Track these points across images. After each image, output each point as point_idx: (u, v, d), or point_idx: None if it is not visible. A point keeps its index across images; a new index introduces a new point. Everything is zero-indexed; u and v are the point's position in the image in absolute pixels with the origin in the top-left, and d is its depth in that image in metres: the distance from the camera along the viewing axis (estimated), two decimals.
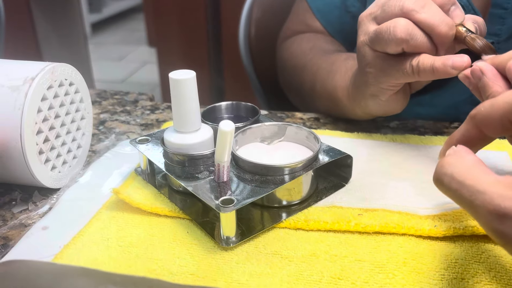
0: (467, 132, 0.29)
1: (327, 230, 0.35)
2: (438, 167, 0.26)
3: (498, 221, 0.22)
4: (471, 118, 0.28)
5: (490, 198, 0.22)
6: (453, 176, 0.25)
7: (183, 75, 0.36)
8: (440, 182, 0.26)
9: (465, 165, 0.25)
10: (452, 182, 0.25)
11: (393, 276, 0.31)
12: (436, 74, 0.37)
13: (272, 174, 0.36)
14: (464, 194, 0.24)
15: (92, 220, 0.37)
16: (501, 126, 0.26)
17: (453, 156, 0.26)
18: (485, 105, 0.27)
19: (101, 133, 0.52)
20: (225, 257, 0.33)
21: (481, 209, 0.23)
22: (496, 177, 0.23)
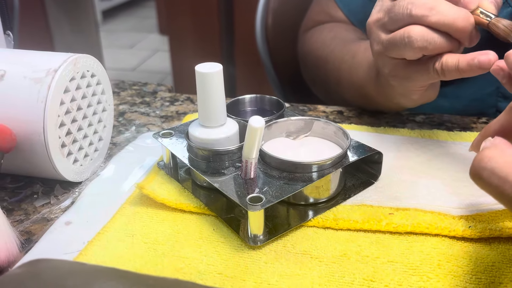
0: (506, 122, 0.28)
1: (357, 230, 0.34)
2: (477, 160, 0.25)
3: None
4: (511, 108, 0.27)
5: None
6: (493, 170, 0.24)
7: (210, 68, 0.34)
8: (478, 177, 0.25)
9: (506, 158, 0.24)
10: (492, 177, 0.24)
11: (427, 279, 0.30)
12: (463, 74, 0.36)
13: (300, 171, 0.35)
14: (506, 190, 0.23)
15: (115, 216, 0.36)
16: None
17: (493, 149, 0.25)
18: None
19: (121, 125, 0.51)
20: (253, 256, 0.32)
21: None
22: None
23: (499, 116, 0.29)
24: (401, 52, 0.38)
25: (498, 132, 0.29)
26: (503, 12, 0.51)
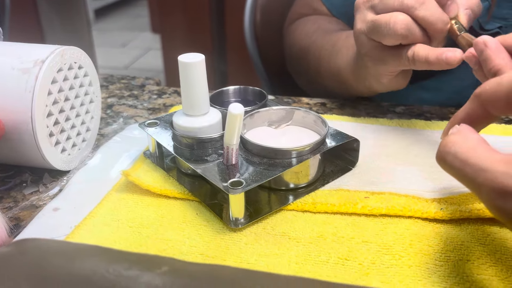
0: (471, 110, 0.29)
1: (334, 213, 0.36)
2: (441, 145, 0.27)
3: (501, 199, 0.22)
4: (476, 96, 0.28)
5: (493, 176, 0.23)
6: (456, 154, 0.25)
7: (193, 58, 0.36)
8: (443, 161, 0.26)
9: (468, 143, 0.25)
10: (455, 160, 0.25)
11: (399, 257, 0.31)
12: (431, 66, 0.39)
13: (280, 157, 0.36)
14: (467, 172, 0.24)
15: (102, 202, 0.38)
16: (506, 104, 0.26)
17: (457, 134, 0.26)
18: (491, 84, 0.27)
19: (109, 117, 0.52)
20: (234, 238, 0.34)
21: (484, 187, 0.23)
22: (500, 155, 0.23)
23: (464, 105, 0.30)
24: (381, 36, 0.41)
25: (464, 120, 0.30)
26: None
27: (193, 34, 1.81)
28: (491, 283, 0.29)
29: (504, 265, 0.31)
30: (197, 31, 1.80)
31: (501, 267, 0.30)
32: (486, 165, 0.23)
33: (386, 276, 0.30)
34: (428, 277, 0.30)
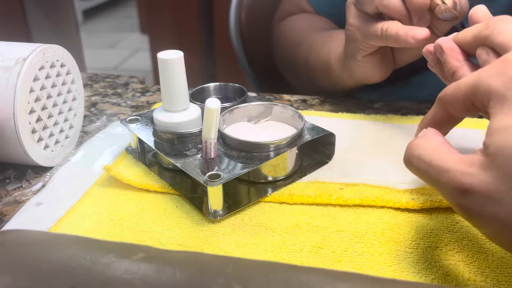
0: (436, 113, 0.30)
1: (310, 204, 0.37)
2: (408, 149, 0.28)
3: (461, 197, 0.24)
4: (439, 100, 0.30)
5: (453, 176, 0.24)
6: (420, 157, 0.26)
7: (171, 55, 0.37)
8: (409, 163, 0.28)
9: (431, 146, 0.26)
10: (420, 163, 0.26)
11: (371, 245, 0.33)
12: (399, 41, 0.40)
13: (257, 150, 0.37)
14: (431, 174, 0.26)
15: (84, 196, 0.38)
16: (465, 107, 0.27)
17: (421, 138, 0.27)
18: (450, 88, 0.28)
19: (93, 114, 0.53)
20: (212, 229, 0.35)
21: (446, 186, 0.24)
22: (459, 156, 0.25)
23: (431, 108, 0.32)
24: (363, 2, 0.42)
25: (430, 122, 0.31)
26: None
27: (182, 34, 1.82)
28: (457, 268, 0.31)
29: (470, 251, 0.32)
30: (185, 31, 1.80)
31: (467, 252, 0.32)
32: (448, 166, 0.25)
33: (358, 263, 0.31)
34: (398, 264, 0.31)
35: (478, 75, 0.25)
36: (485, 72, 0.25)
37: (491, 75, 0.24)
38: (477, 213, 0.23)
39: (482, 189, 0.23)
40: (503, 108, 0.23)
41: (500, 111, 0.23)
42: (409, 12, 0.40)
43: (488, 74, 0.24)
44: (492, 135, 0.23)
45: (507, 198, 0.22)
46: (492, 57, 0.29)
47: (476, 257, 0.31)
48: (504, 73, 0.23)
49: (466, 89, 0.26)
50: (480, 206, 0.23)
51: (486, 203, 0.23)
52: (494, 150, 0.23)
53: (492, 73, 0.24)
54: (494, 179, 0.22)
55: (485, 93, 0.24)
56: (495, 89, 0.24)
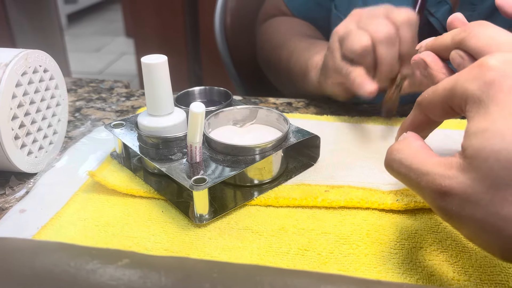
0: (415, 118, 0.31)
1: (296, 206, 0.37)
2: (388, 153, 0.28)
3: (441, 199, 0.24)
4: (417, 104, 0.30)
5: (433, 179, 0.24)
6: (401, 161, 0.27)
7: (155, 59, 0.37)
8: (390, 168, 0.28)
9: (411, 150, 0.27)
10: (400, 167, 0.27)
11: (356, 247, 0.33)
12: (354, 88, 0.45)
13: (243, 154, 0.38)
14: (411, 177, 0.26)
15: (69, 202, 0.38)
16: (443, 110, 0.27)
17: (401, 142, 0.28)
18: (428, 92, 0.28)
19: (77, 120, 0.52)
20: (198, 234, 0.35)
21: (426, 189, 0.25)
22: (439, 159, 0.25)
23: (410, 112, 0.32)
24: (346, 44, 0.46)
25: (410, 126, 0.31)
26: (441, 10, 0.55)
27: (167, 38, 1.81)
28: (441, 268, 0.31)
29: (454, 250, 0.32)
30: (171, 35, 1.80)
31: (451, 252, 0.32)
32: (427, 169, 0.25)
33: (343, 265, 0.31)
34: (383, 264, 0.31)
35: (455, 79, 0.26)
36: (461, 76, 0.25)
37: (467, 79, 0.25)
38: (456, 214, 0.24)
39: (460, 191, 0.23)
40: (480, 111, 0.23)
41: (476, 114, 0.24)
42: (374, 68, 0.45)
43: (465, 78, 0.25)
44: (469, 138, 0.23)
45: (484, 200, 0.22)
46: (466, 61, 0.30)
47: (460, 256, 0.32)
48: (479, 77, 0.24)
49: (444, 93, 0.26)
50: (459, 208, 0.23)
51: (464, 205, 0.23)
52: (471, 152, 0.23)
53: (469, 77, 0.25)
54: (472, 181, 0.23)
55: (462, 97, 0.25)
56: (472, 93, 0.24)
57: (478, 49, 0.29)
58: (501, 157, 0.22)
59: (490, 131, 0.22)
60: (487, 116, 0.23)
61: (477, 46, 0.29)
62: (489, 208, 0.22)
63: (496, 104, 0.23)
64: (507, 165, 0.22)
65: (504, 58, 0.24)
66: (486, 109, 0.23)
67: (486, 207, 0.22)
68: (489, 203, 0.22)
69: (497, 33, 0.29)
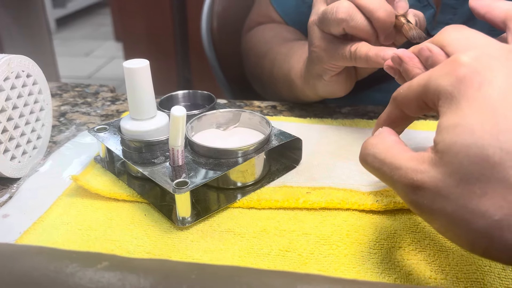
0: (391, 113, 0.31)
1: (278, 208, 0.37)
2: (363, 148, 0.29)
3: (413, 193, 0.25)
4: (393, 99, 0.30)
5: (405, 173, 0.25)
6: (375, 155, 0.27)
7: (137, 64, 0.37)
8: (365, 162, 0.29)
9: (385, 145, 0.27)
10: (374, 161, 0.27)
11: (336, 247, 0.33)
12: (369, 62, 0.40)
13: (225, 157, 0.38)
14: (385, 172, 0.26)
15: (52, 207, 0.38)
16: (417, 106, 0.28)
17: (375, 137, 0.28)
18: (404, 87, 0.29)
19: (62, 124, 0.53)
20: (180, 236, 0.35)
21: (399, 183, 0.25)
22: (411, 154, 0.26)
23: (386, 108, 0.32)
24: (328, 23, 0.42)
25: (386, 121, 0.32)
26: (426, 14, 0.56)
27: (156, 42, 1.82)
28: (419, 267, 0.32)
29: (432, 250, 0.33)
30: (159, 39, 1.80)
31: (429, 252, 0.33)
32: (400, 163, 0.26)
33: (323, 265, 0.32)
34: (362, 264, 0.32)
35: (429, 75, 0.26)
36: (435, 72, 0.26)
37: (440, 75, 0.25)
38: (427, 208, 0.24)
39: (431, 185, 0.24)
40: (451, 106, 0.24)
41: (448, 109, 0.24)
42: (376, 31, 0.41)
43: (438, 74, 0.25)
44: (441, 133, 0.24)
45: (454, 194, 0.23)
46: (434, 54, 0.30)
47: (437, 255, 0.32)
48: (451, 73, 0.24)
49: (418, 88, 0.27)
50: (430, 201, 0.24)
51: (436, 199, 0.24)
52: (442, 147, 0.23)
53: (441, 74, 0.25)
54: (443, 176, 0.23)
55: (435, 92, 0.25)
56: (444, 89, 0.25)
57: (452, 47, 0.29)
58: (471, 152, 0.22)
59: (461, 127, 0.23)
60: (458, 111, 0.24)
61: (451, 43, 0.29)
62: (458, 201, 0.23)
63: (467, 100, 0.23)
64: (476, 160, 0.22)
65: (475, 55, 0.25)
66: (457, 105, 0.24)
67: (455, 201, 0.23)
68: (458, 196, 0.23)
69: (470, 33, 0.29)
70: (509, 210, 0.21)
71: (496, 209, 0.22)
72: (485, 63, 0.24)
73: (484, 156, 0.22)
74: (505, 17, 0.30)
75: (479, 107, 0.23)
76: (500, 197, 0.21)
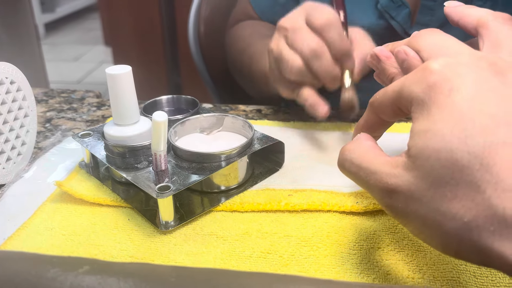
0: (368, 118, 0.32)
1: (260, 211, 0.38)
2: (340, 153, 0.29)
3: (388, 197, 0.25)
4: (370, 105, 0.31)
5: (380, 177, 0.26)
6: (352, 161, 0.28)
7: (119, 70, 0.37)
8: (342, 167, 0.29)
9: (361, 150, 0.28)
10: (351, 166, 0.28)
11: (317, 248, 0.34)
12: (307, 108, 0.45)
13: (208, 161, 0.38)
14: (361, 176, 0.27)
15: (36, 212, 0.38)
16: (392, 111, 0.29)
17: (352, 143, 0.29)
18: (380, 93, 0.30)
19: (48, 130, 0.53)
20: (163, 240, 0.35)
21: (375, 187, 0.26)
22: (386, 158, 0.26)
23: (364, 113, 0.33)
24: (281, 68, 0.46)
25: (364, 126, 0.33)
26: (401, 14, 0.57)
27: (145, 47, 1.81)
28: (397, 267, 0.32)
29: (410, 250, 0.34)
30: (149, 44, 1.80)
31: (407, 252, 0.33)
32: (375, 168, 0.26)
33: (304, 266, 0.33)
34: (342, 265, 0.33)
35: (402, 81, 0.27)
36: (408, 79, 0.27)
37: (412, 82, 0.26)
38: (402, 211, 0.25)
39: (405, 188, 0.24)
40: (423, 112, 0.25)
41: (420, 115, 0.25)
42: None
43: (410, 81, 0.26)
44: (414, 138, 0.25)
45: (426, 197, 0.23)
46: (410, 57, 0.31)
47: (415, 255, 0.33)
48: (423, 80, 0.25)
49: (393, 94, 0.28)
50: (404, 204, 0.25)
51: (409, 202, 0.24)
52: (415, 152, 0.24)
53: (414, 80, 0.26)
54: (415, 179, 0.24)
55: (408, 98, 0.26)
56: (416, 95, 0.25)
57: (425, 52, 0.30)
58: (441, 156, 0.23)
59: (432, 131, 0.24)
60: (429, 117, 0.24)
61: (425, 48, 0.30)
62: (430, 204, 0.23)
63: (438, 106, 0.24)
64: (446, 164, 0.23)
65: (446, 62, 0.26)
66: (428, 111, 0.25)
67: (428, 204, 0.24)
68: (430, 199, 0.23)
69: (444, 39, 0.30)
70: (478, 212, 0.22)
71: (466, 211, 0.22)
72: (455, 70, 0.25)
73: (453, 160, 0.22)
74: (477, 24, 0.31)
75: (448, 113, 0.24)
76: (469, 200, 0.22)
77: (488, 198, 0.21)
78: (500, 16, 0.31)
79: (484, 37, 0.30)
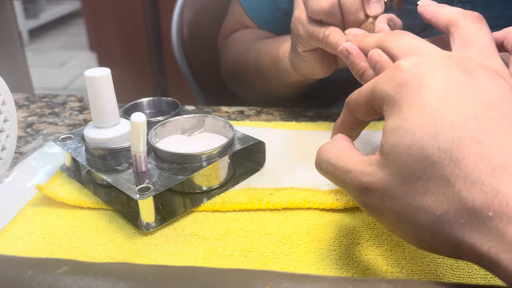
0: (345, 117, 0.32)
1: (242, 210, 0.38)
2: (317, 154, 0.30)
3: (363, 195, 0.26)
4: (346, 104, 0.32)
5: (355, 176, 0.26)
6: (328, 161, 0.28)
7: (98, 72, 0.37)
8: (319, 167, 0.30)
9: (337, 150, 0.29)
10: (328, 166, 0.28)
11: (297, 245, 0.34)
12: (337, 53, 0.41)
13: (188, 162, 0.39)
14: (338, 176, 0.28)
15: (16, 217, 0.38)
16: (367, 111, 0.29)
17: (329, 143, 0.30)
18: (354, 93, 0.30)
19: (29, 135, 0.52)
20: (145, 241, 0.35)
21: (350, 186, 0.27)
22: (361, 157, 0.27)
23: (341, 113, 0.33)
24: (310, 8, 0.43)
25: (341, 126, 0.33)
26: None
27: (130, 51, 1.81)
28: (376, 262, 0.33)
29: (389, 245, 0.34)
30: (134, 48, 1.80)
31: (386, 247, 0.34)
32: (350, 167, 0.27)
33: (284, 263, 0.33)
34: (322, 261, 0.33)
35: (375, 81, 0.27)
36: (379, 78, 0.27)
37: (384, 81, 0.26)
38: (377, 208, 0.25)
39: (379, 186, 0.25)
40: (394, 110, 0.25)
41: (391, 113, 0.25)
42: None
43: (382, 80, 0.27)
44: (386, 136, 0.25)
45: (400, 193, 0.24)
46: (383, 60, 0.32)
47: (394, 250, 0.34)
48: (393, 79, 0.26)
49: (366, 94, 0.28)
50: (379, 201, 0.25)
51: (384, 199, 0.25)
52: (387, 149, 0.25)
53: (385, 79, 0.26)
54: (389, 176, 0.24)
55: (380, 97, 0.27)
56: (387, 94, 0.26)
57: (396, 53, 0.31)
58: (412, 152, 0.23)
59: (403, 129, 0.24)
60: (400, 114, 0.25)
61: (396, 49, 0.31)
62: (404, 199, 0.24)
63: (408, 104, 0.25)
64: (417, 160, 0.23)
65: (415, 61, 0.26)
66: (399, 109, 0.25)
67: (401, 199, 0.24)
68: (404, 195, 0.24)
69: (413, 40, 0.31)
70: (448, 205, 0.22)
71: (437, 204, 0.23)
72: (424, 69, 0.25)
73: (424, 156, 0.23)
74: (448, 23, 0.32)
75: (418, 110, 0.24)
76: (440, 193, 0.23)
77: (458, 192, 0.22)
78: (470, 15, 0.31)
79: (454, 36, 0.31)
